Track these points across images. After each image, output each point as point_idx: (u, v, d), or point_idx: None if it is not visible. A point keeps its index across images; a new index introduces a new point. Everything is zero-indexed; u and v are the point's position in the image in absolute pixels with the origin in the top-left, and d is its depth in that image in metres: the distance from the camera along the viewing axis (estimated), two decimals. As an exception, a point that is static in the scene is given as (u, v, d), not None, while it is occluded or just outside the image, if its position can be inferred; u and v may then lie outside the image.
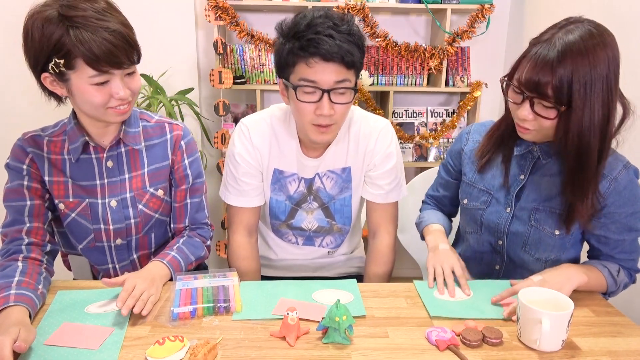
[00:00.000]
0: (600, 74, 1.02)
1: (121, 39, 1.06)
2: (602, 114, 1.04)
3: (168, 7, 2.55)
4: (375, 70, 2.69)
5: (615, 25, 1.49)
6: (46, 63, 1.06)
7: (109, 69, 1.07)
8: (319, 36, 1.13)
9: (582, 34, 1.02)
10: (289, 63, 1.18)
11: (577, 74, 1.00)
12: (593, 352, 0.98)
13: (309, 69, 1.16)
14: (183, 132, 1.33)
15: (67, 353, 0.95)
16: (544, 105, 1.06)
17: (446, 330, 1.02)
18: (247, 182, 1.37)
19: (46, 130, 1.25)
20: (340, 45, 1.13)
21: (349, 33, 1.16)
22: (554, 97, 1.03)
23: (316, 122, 1.22)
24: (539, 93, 1.04)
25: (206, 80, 2.72)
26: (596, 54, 1.01)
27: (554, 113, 1.05)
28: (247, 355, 0.96)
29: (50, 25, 1.03)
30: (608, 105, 1.04)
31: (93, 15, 1.04)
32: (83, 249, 1.31)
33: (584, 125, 1.04)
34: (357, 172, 1.40)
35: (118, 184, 1.26)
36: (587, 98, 1.02)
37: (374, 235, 1.47)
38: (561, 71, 1.00)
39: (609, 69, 1.03)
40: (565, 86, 1.01)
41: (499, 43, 2.83)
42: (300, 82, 1.18)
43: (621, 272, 1.20)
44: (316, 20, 1.15)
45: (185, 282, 1.18)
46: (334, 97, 1.18)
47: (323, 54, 1.13)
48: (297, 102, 1.19)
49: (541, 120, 1.08)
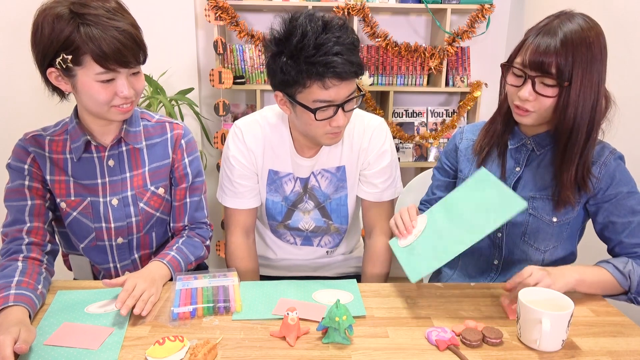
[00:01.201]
0: (595, 57, 1.10)
1: (130, 39, 1.08)
2: (593, 93, 1.12)
3: (168, 7, 2.55)
4: (375, 70, 2.69)
5: (615, 25, 1.49)
6: (54, 58, 1.08)
7: (116, 67, 1.09)
8: (329, 58, 1.10)
9: (579, 22, 1.11)
10: (298, 82, 1.14)
11: (578, 53, 1.08)
12: (593, 352, 0.98)
13: (324, 91, 1.14)
14: (183, 131, 1.34)
15: (67, 353, 0.95)
16: (545, 84, 1.12)
17: (446, 330, 1.02)
18: (243, 184, 1.38)
19: (47, 130, 1.25)
20: (350, 60, 1.12)
21: (351, 42, 1.14)
22: (557, 74, 1.09)
23: (331, 132, 1.23)
24: (543, 71, 1.10)
25: (206, 80, 2.72)
26: (592, 38, 1.09)
27: (555, 91, 1.11)
28: (247, 355, 0.96)
29: (61, 22, 1.05)
30: (598, 86, 1.12)
31: (104, 14, 1.06)
32: (84, 248, 1.31)
33: (580, 101, 1.11)
34: (352, 171, 1.40)
35: (119, 182, 1.27)
36: (585, 76, 1.09)
37: (370, 234, 1.47)
38: (564, 51, 1.08)
39: (602, 54, 1.11)
40: (569, 65, 1.08)
41: (499, 43, 2.83)
42: (317, 104, 1.16)
43: (630, 263, 1.17)
44: (321, 39, 1.11)
45: (185, 282, 1.18)
46: (346, 107, 1.19)
47: (339, 74, 1.12)
48: (313, 120, 1.18)
49: (542, 100, 1.13)
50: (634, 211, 1.19)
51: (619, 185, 1.19)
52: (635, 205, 1.19)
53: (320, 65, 1.10)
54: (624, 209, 1.19)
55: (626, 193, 1.19)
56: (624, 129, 1.22)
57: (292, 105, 1.22)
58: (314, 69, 1.10)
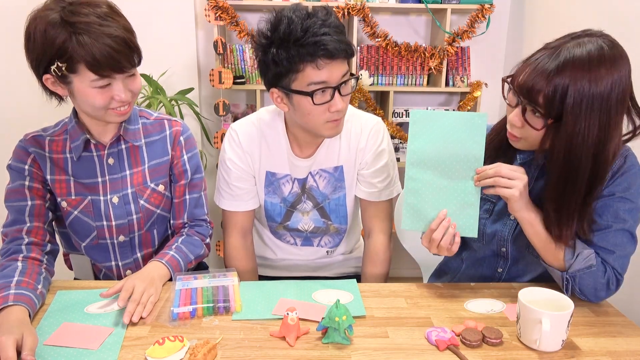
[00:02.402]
0: (600, 94, 0.96)
1: (123, 44, 1.07)
2: (596, 137, 0.99)
3: (168, 7, 2.55)
4: (375, 70, 2.69)
5: (615, 25, 1.49)
6: (48, 65, 1.07)
7: (110, 74, 1.08)
8: (318, 37, 1.13)
9: (591, 49, 0.97)
10: (291, 69, 1.16)
11: (573, 88, 0.96)
12: (593, 352, 0.98)
13: (317, 72, 1.15)
14: (182, 128, 1.34)
15: (67, 353, 0.95)
16: (534, 114, 1.03)
17: (446, 331, 1.02)
18: (240, 186, 1.38)
19: (47, 130, 1.26)
20: (338, 39, 1.15)
21: (337, 25, 1.18)
22: (545, 107, 0.99)
23: (331, 119, 1.23)
24: (531, 100, 1.01)
25: (206, 80, 2.72)
26: (600, 72, 0.96)
27: (541, 123, 1.02)
28: (247, 355, 0.96)
29: (52, 30, 1.04)
30: (605, 130, 0.99)
31: (95, 21, 1.05)
32: (86, 247, 1.31)
33: (574, 143, 0.99)
34: (349, 171, 1.40)
35: (119, 180, 1.27)
36: (580, 115, 0.97)
37: (369, 234, 1.47)
38: (557, 82, 0.97)
39: (612, 90, 0.97)
40: (558, 98, 0.97)
41: (499, 43, 2.83)
42: (311, 87, 1.17)
43: (588, 252, 1.09)
44: (307, 23, 1.14)
45: (185, 282, 1.18)
46: (342, 90, 1.20)
47: (330, 53, 1.14)
48: (312, 106, 1.19)
49: (528, 129, 1.05)
50: (617, 216, 1.10)
51: (616, 186, 1.10)
52: (622, 212, 1.09)
53: (310, 46, 1.13)
54: (610, 210, 1.10)
55: (619, 197, 1.10)
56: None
57: (289, 99, 1.23)
58: (304, 50, 1.13)
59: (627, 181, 1.10)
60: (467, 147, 1.11)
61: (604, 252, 1.11)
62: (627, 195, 1.10)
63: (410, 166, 1.15)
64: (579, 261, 1.09)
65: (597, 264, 1.09)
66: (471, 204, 1.12)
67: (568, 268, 1.11)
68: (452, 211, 1.14)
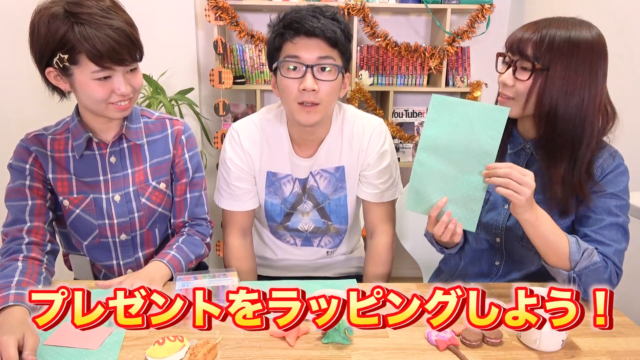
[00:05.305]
0: (585, 39, 1.08)
1: (124, 37, 1.08)
2: (578, 93, 1.09)
3: (168, 7, 2.55)
4: (375, 70, 2.69)
5: (615, 25, 1.49)
6: (51, 58, 1.08)
7: (111, 65, 1.09)
8: (302, 15, 1.19)
9: (573, 19, 1.11)
10: (276, 48, 1.23)
11: (560, 34, 1.08)
12: (593, 352, 0.98)
13: (293, 46, 1.20)
14: (183, 127, 1.35)
15: (67, 353, 0.95)
16: (523, 69, 1.13)
17: (446, 331, 1.02)
18: (240, 186, 1.38)
19: (49, 129, 1.26)
20: (323, 24, 1.18)
21: (333, 17, 1.21)
22: (533, 55, 1.10)
23: (300, 100, 1.22)
24: (520, 52, 1.11)
25: (206, 80, 2.72)
26: (582, 29, 1.09)
27: (529, 74, 1.11)
28: (247, 355, 0.96)
29: (56, 21, 1.05)
30: (590, 76, 1.10)
31: (98, 13, 1.07)
32: (88, 247, 1.31)
33: (557, 92, 1.09)
34: (351, 172, 1.40)
35: (121, 179, 1.27)
36: (566, 67, 1.08)
37: (371, 235, 1.47)
38: (544, 31, 1.09)
39: (594, 54, 1.09)
40: (546, 44, 1.08)
41: (499, 43, 2.80)
42: (284, 59, 1.22)
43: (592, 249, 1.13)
44: (302, 6, 1.23)
45: (185, 282, 1.18)
46: (317, 73, 1.21)
47: (306, 30, 1.18)
48: (282, 78, 1.22)
49: (519, 85, 1.13)
50: (610, 211, 1.16)
51: (606, 184, 1.16)
52: (614, 208, 1.16)
53: (295, 23, 1.19)
54: (602, 207, 1.16)
55: (610, 193, 1.16)
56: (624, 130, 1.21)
57: (276, 80, 1.26)
58: (289, 26, 1.20)
59: (617, 179, 1.17)
60: (481, 140, 1.09)
61: (602, 246, 1.14)
62: (617, 192, 1.16)
63: (421, 150, 1.14)
64: (585, 258, 1.11)
65: (600, 260, 1.12)
66: (475, 198, 1.11)
67: (574, 267, 1.11)
68: (454, 202, 1.13)
